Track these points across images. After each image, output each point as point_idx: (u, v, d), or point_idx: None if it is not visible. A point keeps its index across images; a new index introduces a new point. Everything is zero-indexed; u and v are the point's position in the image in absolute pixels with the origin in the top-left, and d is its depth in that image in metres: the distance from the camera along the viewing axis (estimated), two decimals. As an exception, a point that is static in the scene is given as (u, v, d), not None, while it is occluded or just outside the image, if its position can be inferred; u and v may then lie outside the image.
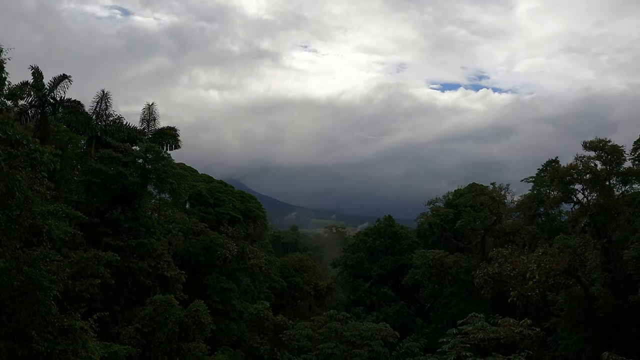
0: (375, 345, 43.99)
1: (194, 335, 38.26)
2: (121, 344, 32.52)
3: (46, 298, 24.06)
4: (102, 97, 49.75)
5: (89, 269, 31.31)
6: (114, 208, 39.74)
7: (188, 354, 37.50)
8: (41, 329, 25.22)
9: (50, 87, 45.02)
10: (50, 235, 24.99)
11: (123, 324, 36.21)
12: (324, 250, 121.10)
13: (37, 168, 24.77)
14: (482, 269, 47.11)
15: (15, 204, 22.52)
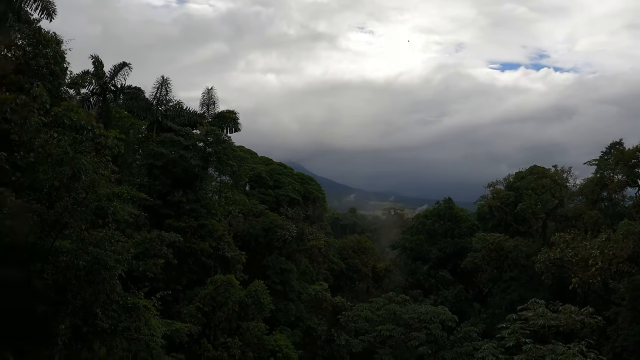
0: (434, 329, 43.52)
1: (253, 314, 38.83)
2: (182, 322, 33.31)
3: (111, 277, 24.69)
4: (162, 83, 50.42)
5: (152, 250, 32.06)
6: (175, 190, 40.57)
7: (247, 332, 38.14)
8: (105, 307, 25.91)
9: (110, 75, 45.95)
10: (115, 216, 25.57)
11: (184, 302, 37.10)
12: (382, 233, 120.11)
13: (101, 152, 25.32)
14: (544, 254, 45.60)
15: (81, 187, 22.93)
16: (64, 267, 23.74)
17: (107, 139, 25.41)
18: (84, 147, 24.30)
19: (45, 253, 23.77)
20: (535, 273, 49.00)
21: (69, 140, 23.65)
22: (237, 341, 36.97)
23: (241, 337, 37.66)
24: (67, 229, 23.77)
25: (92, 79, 44.96)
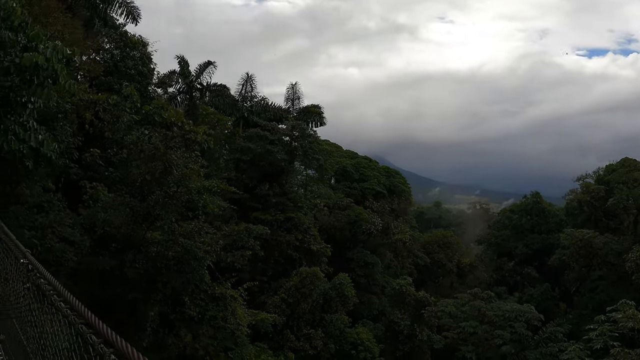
0: (519, 328, 42.03)
1: (337, 307, 38.66)
2: (267, 312, 33.54)
3: (200, 267, 25.06)
4: (246, 79, 51.25)
5: (240, 241, 32.54)
6: (262, 184, 40.96)
7: (330, 325, 38.02)
8: (194, 296, 26.69)
9: (196, 73, 47.20)
10: (205, 209, 25.90)
11: (269, 293, 37.40)
12: (466, 227, 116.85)
13: (191, 147, 25.69)
14: (635, 252, 43.01)
15: (172, 181, 23.46)
16: (154, 257, 24.30)
17: (197, 134, 25.75)
18: (174, 143, 24.76)
19: (138, 244, 24.45)
20: (626, 272, 46.37)
21: (160, 136, 24.11)
22: (320, 333, 37.01)
23: (324, 329, 37.63)
24: (158, 221, 24.33)
25: (179, 78, 46.36)
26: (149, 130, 25.09)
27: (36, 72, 13.05)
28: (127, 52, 34.68)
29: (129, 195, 24.07)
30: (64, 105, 21.11)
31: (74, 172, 24.72)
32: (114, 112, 25.82)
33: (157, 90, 41.76)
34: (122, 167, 25.30)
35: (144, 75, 35.62)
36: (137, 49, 35.42)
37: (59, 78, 13.51)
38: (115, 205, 23.37)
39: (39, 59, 12.71)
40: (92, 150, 24.77)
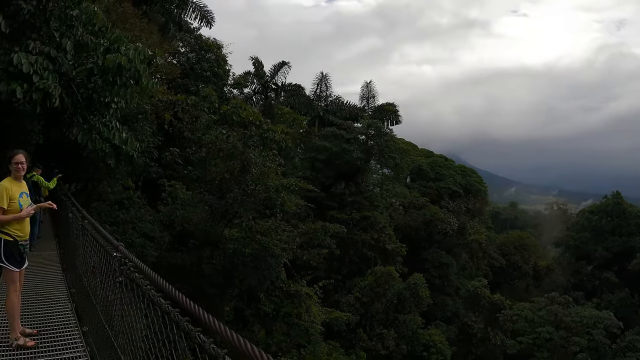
0: (597, 335, 39.92)
1: (411, 307, 37.69)
2: (341, 311, 33.04)
3: (277, 265, 25.03)
4: (321, 79, 50.76)
5: (316, 240, 32.16)
6: (338, 183, 40.47)
7: (403, 325, 37.08)
8: (269, 293, 26.71)
9: (271, 74, 47.10)
10: (283, 207, 25.74)
11: (344, 292, 36.86)
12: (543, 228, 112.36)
13: (268, 146, 25.51)
14: None
15: (251, 179, 23.37)
16: (231, 254, 24.28)
17: (275, 133, 25.53)
18: (253, 142, 24.65)
19: (215, 240, 24.56)
20: None
21: (238, 135, 24.08)
22: (392, 333, 36.16)
23: (397, 330, 36.74)
24: (236, 218, 24.28)
25: (254, 78, 46.62)
26: (226, 129, 25.13)
27: (119, 73, 13.08)
28: (202, 55, 35.20)
29: (208, 193, 24.19)
30: (144, 106, 21.43)
31: (153, 171, 25.02)
32: (193, 112, 26.11)
33: (233, 91, 42.42)
34: (201, 166, 25.46)
35: (219, 76, 36.01)
36: (212, 51, 35.88)
37: (141, 78, 13.57)
38: (194, 203, 23.51)
39: (122, 60, 12.74)
40: (171, 149, 25.03)
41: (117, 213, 21.01)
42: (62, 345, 7.28)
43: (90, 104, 14.23)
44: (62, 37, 12.67)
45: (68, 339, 7.58)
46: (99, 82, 13.85)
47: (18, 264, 7.11)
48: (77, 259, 9.90)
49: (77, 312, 8.96)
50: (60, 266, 12.65)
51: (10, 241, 7.01)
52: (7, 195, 6.90)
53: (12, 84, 11.44)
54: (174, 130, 25.59)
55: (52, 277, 11.55)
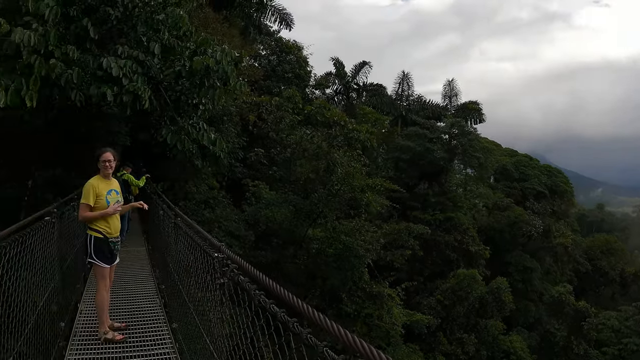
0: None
1: (492, 312, 36.03)
2: (422, 313, 31.92)
3: (360, 265, 24.35)
4: (402, 78, 49.70)
5: (399, 240, 31.16)
6: (421, 183, 39.25)
7: (484, 330, 35.43)
8: (351, 293, 25.81)
9: (352, 74, 46.72)
10: (368, 207, 25.12)
11: (425, 294, 35.61)
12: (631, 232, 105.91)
13: (353, 146, 24.87)
14: None
15: (336, 179, 22.92)
16: (315, 254, 23.96)
17: (359, 133, 24.80)
18: (337, 142, 24.07)
19: (299, 240, 24.28)
20: None
21: (323, 135, 23.61)
22: (473, 338, 34.59)
23: (477, 335, 35.07)
24: (320, 218, 23.99)
25: (335, 79, 46.42)
26: (310, 130, 24.75)
27: (207, 75, 12.96)
28: (283, 57, 35.47)
29: (292, 193, 23.92)
30: (229, 107, 21.56)
31: (238, 171, 25.03)
32: (277, 113, 25.89)
33: (315, 91, 42.32)
34: (285, 166, 25.23)
35: (301, 77, 36.13)
36: (292, 53, 36.13)
37: (229, 80, 13.38)
38: (279, 203, 23.32)
39: (210, 62, 12.62)
40: (256, 149, 25.00)
41: (203, 212, 21.08)
42: (150, 341, 7.24)
43: (178, 106, 14.17)
44: (149, 41, 12.67)
45: (157, 334, 7.53)
46: (186, 84, 13.81)
47: (108, 260, 7.11)
48: (167, 256, 9.70)
49: (165, 308, 8.89)
50: (149, 262, 12.69)
51: (100, 238, 6.99)
52: (94, 192, 6.88)
53: (102, 87, 11.41)
54: (258, 131, 25.52)
55: (141, 272, 11.64)
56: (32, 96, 10.01)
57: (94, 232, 6.96)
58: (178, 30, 13.30)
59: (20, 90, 9.85)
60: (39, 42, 9.84)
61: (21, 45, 9.61)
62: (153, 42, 12.57)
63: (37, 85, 10.12)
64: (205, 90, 13.29)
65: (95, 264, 7.05)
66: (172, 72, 13.21)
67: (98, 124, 16.70)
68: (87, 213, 6.89)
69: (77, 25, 11.40)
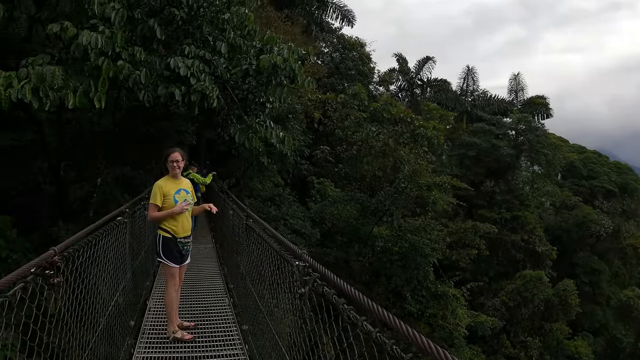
0: None
1: (558, 316, 34.05)
2: (486, 314, 30.63)
3: (426, 264, 23.68)
4: (467, 73, 48.06)
5: (465, 239, 29.90)
6: (487, 180, 37.64)
7: (549, 334, 33.63)
8: (415, 292, 25.02)
9: (415, 70, 45.61)
10: (435, 206, 24.35)
11: (489, 295, 34.09)
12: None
13: (419, 143, 23.95)
14: None
15: (403, 177, 22.22)
16: (380, 252, 23.40)
17: (426, 130, 23.80)
18: (404, 139, 23.19)
19: (364, 238, 23.64)
20: None
21: (389, 132, 22.81)
22: (537, 342, 32.76)
23: (541, 338, 33.28)
24: (386, 216, 23.35)
25: (399, 75, 45.41)
26: (376, 127, 23.95)
27: (274, 73, 12.58)
28: (346, 54, 34.89)
29: (358, 191, 23.23)
30: (294, 105, 21.35)
31: (304, 169, 24.54)
32: (343, 110, 25.22)
33: (380, 88, 41.42)
34: (351, 164, 24.60)
35: (364, 74, 35.49)
36: (355, 49, 35.48)
37: (296, 77, 12.82)
38: (345, 200, 22.67)
39: (277, 60, 12.23)
40: (322, 147, 24.47)
41: (269, 209, 20.73)
42: (219, 341, 6.99)
43: (245, 105, 13.88)
44: (215, 41, 12.46)
45: (226, 335, 7.27)
46: (252, 83, 13.56)
47: (177, 260, 6.91)
48: (238, 256, 9.28)
49: (234, 308, 8.56)
50: (218, 260, 12.48)
51: (169, 237, 6.82)
52: (161, 192, 6.74)
53: (170, 87, 11.18)
54: (324, 128, 24.99)
55: (209, 270, 11.49)
56: (100, 97, 9.80)
57: (163, 232, 6.81)
58: (243, 29, 12.98)
59: (89, 92, 9.60)
60: (106, 44, 9.66)
61: (89, 48, 9.46)
62: (219, 42, 12.33)
63: (106, 86, 9.97)
64: (273, 88, 12.92)
65: (164, 263, 6.90)
66: (239, 71, 12.99)
67: (165, 123, 16.70)
68: (154, 213, 6.78)
69: (144, 27, 11.22)
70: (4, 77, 8.76)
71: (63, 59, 10.37)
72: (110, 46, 9.74)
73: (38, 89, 8.89)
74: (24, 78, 8.86)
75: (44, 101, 8.93)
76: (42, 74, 8.91)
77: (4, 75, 8.76)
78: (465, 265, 29.11)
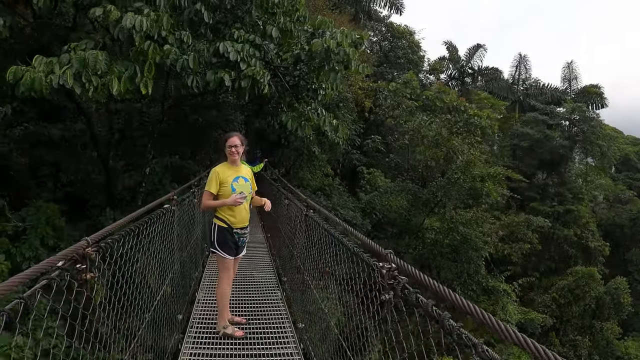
0: None
1: (609, 314, 32.10)
2: (535, 311, 29.12)
3: (478, 258, 22.67)
4: (519, 60, 45.77)
5: (518, 233, 28.35)
6: (539, 172, 35.79)
7: (599, 333, 31.73)
8: (465, 287, 23.80)
9: (466, 58, 43.89)
10: (488, 198, 23.05)
11: (539, 291, 32.43)
12: None
13: (473, 132, 22.65)
14: None
15: (457, 168, 21.20)
16: (430, 244, 22.50)
17: (481, 119, 22.43)
18: (457, 128, 21.93)
19: (415, 229, 22.81)
20: None
21: (442, 122, 21.61)
22: (587, 341, 30.94)
23: (591, 338, 31.43)
24: (438, 207, 22.41)
25: (449, 63, 43.80)
26: (429, 116, 22.72)
27: (327, 57, 11.46)
28: (395, 42, 33.95)
29: (410, 181, 22.14)
30: (345, 94, 20.46)
31: (355, 158, 23.54)
32: (394, 99, 24.05)
33: (429, 77, 40.12)
34: (403, 153, 23.44)
35: (414, 63, 34.38)
36: (404, 38, 34.44)
37: (350, 62, 11.67)
38: (397, 191, 21.62)
39: (330, 44, 11.14)
40: (373, 136, 23.38)
41: (319, 199, 19.81)
42: (272, 338, 6.40)
43: (297, 91, 12.98)
44: (265, 25, 11.60)
45: (279, 332, 6.65)
46: (304, 69, 12.62)
47: (231, 251, 6.23)
48: (294, 249, 8.37)
49: (287, 301, 7.92)
50: (269, 251, 11.86)
51: (224, 227, 6.16)
52: (217, 179, 6.06)
53: (219, 72, 10.28)
54: (375, 117, 23.91)
55: (261, 262, 10.91)
56: (147, 83, 9.00)
57: (219, 221, 6.14)
58: (293, 14, 12.11)
59: (134, 78, 8.86)
60: (151, 27, 8.79)
61: (133, 32, 8.61)
62: (269, 26, 11.44)
63: (152, 72, 9.14)
64: (326, 74, 11.82)
65: (218, 255, 6.21)
66: (291, 56, 11.98)
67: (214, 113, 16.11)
68: (208, 201, 6.10)
69: (191, 10, 10.41)
70: (46, 63, 8.06)
71: (108, 45, 9.75)
72: (155, 30, 8.93)
73: (80, 75, 8.15)
74: (65, 64, 8.14)
75: (87, 87, 8.20)
76: (85, 58, 8.16)
77: (45, 62, 8.06)
78: (517, 260, 27.68)
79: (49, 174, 15.43)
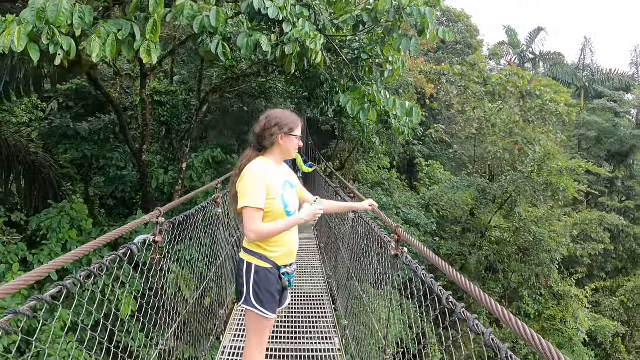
0: None
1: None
2: (601, 314, 25.06)
3: (550, 261, 19.10)
4: (584, 44, 40.82)
5: (589, 232, 24.13)
6: (605, 164, 31.34)
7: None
8: (533, 291, 20.55)
9: (527, 42, 39.59)
10: (565, 193, 19.23)
11: (605, 293, 28.16)
12: None
13: (547, 120, 18.82)
14: None
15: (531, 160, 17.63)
16: (497, 244, 19.27)
17: (558, 105, 18.54)
18: (530, 116, 18.16)
19: (481, 227, 19.61)
20: None
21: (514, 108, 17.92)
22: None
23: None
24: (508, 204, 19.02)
25: (508, 48, 39.48)
26: (499, 102, 19.01)
27: (397, 20, 7.76)
28: (451, 27, 31.03)
29: (478, 175, 18.62)
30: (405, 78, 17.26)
31: (418, 149, 19.99)
32: (459, 83, 20.26)
33: (489, 62, 35.97)
34: (469, 144, 19.83)
35: (472, 48, 30.77)
36: (461, 21, 31.48)
37: (427, 26, 7.64)
38: (465, 186, 18.09)
39: (401, 1, 7.46)
40: (435, 125, 19.70)
41: (379, 196, 16.44)
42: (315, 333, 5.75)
43: (357, 67, 9.36)
44: None
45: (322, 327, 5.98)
46: (364, 40, 9.11)
47: (275, 304, 3.11)
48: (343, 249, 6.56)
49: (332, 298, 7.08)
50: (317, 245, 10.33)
51: (267, 269, 3.02)
52: (264, 185, 2.90)
53: (253, 35, 6.91)
54: (439, 104, 20.29)
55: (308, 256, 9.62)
56: (149, 48, 5.69)
57: (256, 259, 3.02)
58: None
59: (129, 41, 5.66)
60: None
61: None
62: None
63: (157, 33, 5.72)
64: (396, 41, 7.90)
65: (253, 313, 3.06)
66: (350, 18, 8.13)
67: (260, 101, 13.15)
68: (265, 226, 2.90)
69: None
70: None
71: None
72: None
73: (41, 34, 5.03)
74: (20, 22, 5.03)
75: (51, 51, 5.07)
76: (43, 9, 5.04)
77: None
78: (590, 261, 23.73)
79: (77, 172, 13.49)
